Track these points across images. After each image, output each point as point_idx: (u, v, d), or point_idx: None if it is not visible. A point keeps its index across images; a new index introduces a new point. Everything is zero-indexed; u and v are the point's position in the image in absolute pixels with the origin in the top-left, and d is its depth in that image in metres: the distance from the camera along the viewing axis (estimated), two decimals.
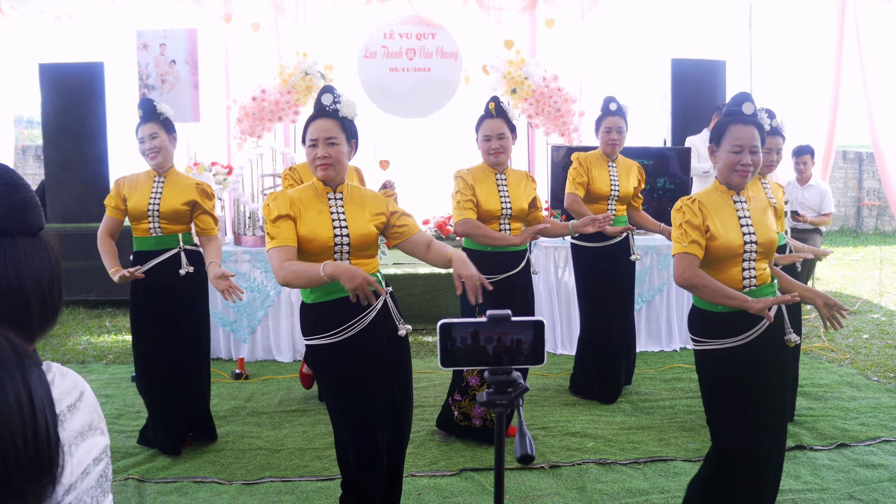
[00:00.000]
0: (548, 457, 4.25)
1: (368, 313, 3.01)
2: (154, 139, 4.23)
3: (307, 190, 3.08)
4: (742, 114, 3.03)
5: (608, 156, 5.13)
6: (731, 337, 2.97)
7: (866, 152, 15.02)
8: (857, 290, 9.25)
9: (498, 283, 4.28)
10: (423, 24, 8.31)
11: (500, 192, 4.33)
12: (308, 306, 3.06)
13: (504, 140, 4.29)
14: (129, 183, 4.30)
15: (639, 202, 5.30)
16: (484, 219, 4.29)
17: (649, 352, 6.42)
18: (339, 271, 2.75)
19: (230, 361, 6.20)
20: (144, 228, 4.26)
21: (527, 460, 1.43)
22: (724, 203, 3.05)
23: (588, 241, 5.11)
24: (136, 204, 4.24)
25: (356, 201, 3.11)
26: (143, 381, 4.38)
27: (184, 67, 7.96)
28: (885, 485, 3.85)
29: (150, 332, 4.30)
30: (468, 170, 4.39)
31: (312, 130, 3.03)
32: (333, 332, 2.98)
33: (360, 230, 3.04)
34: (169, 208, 4.24)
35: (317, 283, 2.84)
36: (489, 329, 1.54)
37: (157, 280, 4.23)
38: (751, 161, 2.99)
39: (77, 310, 8.13)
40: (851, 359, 6.17)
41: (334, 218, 3.03)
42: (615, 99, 5.09)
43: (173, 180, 4.31)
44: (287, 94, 7.12)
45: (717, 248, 2.98)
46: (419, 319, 6.98)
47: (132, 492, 3.81)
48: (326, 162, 3.00)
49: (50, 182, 8.30)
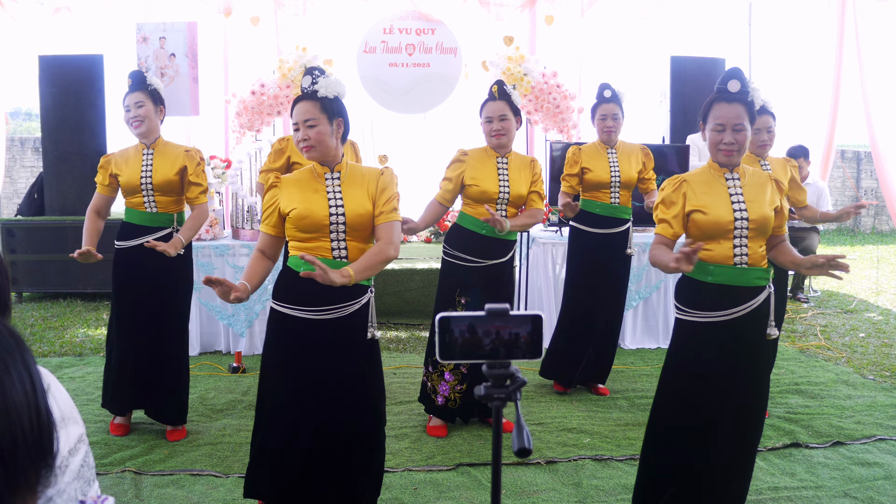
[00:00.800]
0: (544, 452, 4.26)
1: (350, 305, 3.03)
2: (140, 108, 4.21)
3: (307, 171, 3.10)
4: (727, 91, 3.00)
5: (605, 143, 5.11)
6: (716, 311, 2.97)
7: (864, 151, 15.04)
8: (854, 289, 9.27)
9: (481, 270, 4.31)
10: (422, 19, 8.31)
11: (499, 176, 4.33)
12: (292, 274, 3.03)
13: (506, 122, 4.29)
14: (117, 159, 4.29)
15: (648, 184, 5.17)
16: (481, 200, 4.29)
17: (646, 348, 6.44)
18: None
19: (227, 355, 6.21)
20: (138, 202, 4.25)
21: (524, 454, 1.44)
22: (714, 180, 3.06)
23: (588, 227, 5.10)
24: (128, 178, 4.21)
25: (355, 181, 3.10)
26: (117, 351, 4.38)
27: (183, 61, 7.96)
28: (880, 483, 3.86)
29: (131, 307, 4.31)
30: (471, 150, 4.41)
31: (294, 114, 3.06)
32: (310, 309, 3.01)
33: (356, 210, 3.03)
34: (161, 179, 4.21)
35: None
36: (487, 323, 1.54)
37: (144, 257, 4.19)
38: (733, 139, 2.98)
39: (74, 302, 8.13)
40: (848, 357, 6.19)
41: (330, 197, 3.02)
42: (610, 86, 5.05)
43: (162, 150, 4.28)
44: (286, 89, 7.12)
45: (706, 224, 3.00)
46: (415, 315, 6.98)
47: (129, 484, 3.81)
48: (308, 144, 3.01)
49: (48, 174, 8.30)
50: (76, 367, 5.85)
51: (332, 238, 3.00)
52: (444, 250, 4.47)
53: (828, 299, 8.62)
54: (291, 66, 7.11)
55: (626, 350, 6.36)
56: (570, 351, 5.20)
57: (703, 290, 3.01)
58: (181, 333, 4.50)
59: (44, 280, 8.16)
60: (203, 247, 6.11)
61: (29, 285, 8.22)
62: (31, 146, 13.65)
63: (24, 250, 8.06)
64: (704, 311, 3.00)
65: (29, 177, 13.34)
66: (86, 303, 8.13)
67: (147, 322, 4.32)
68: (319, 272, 2.73)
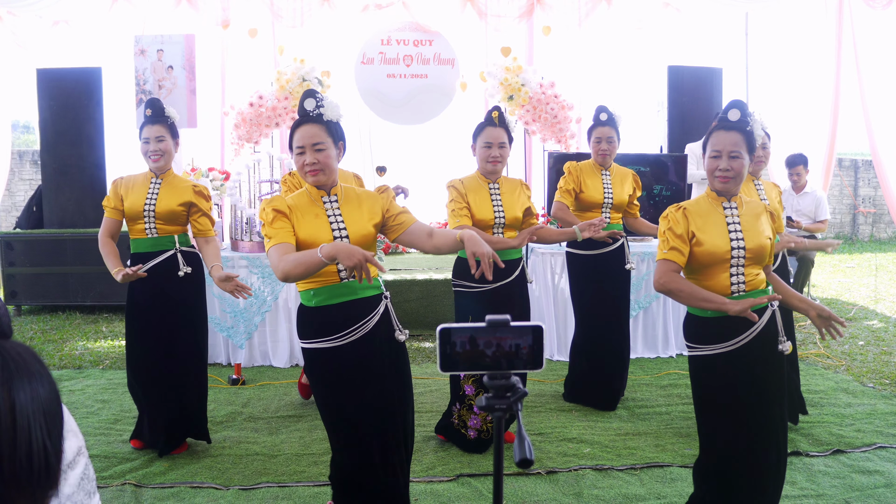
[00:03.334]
0: (544, 463, 4.25)
1: (371, 318, 3.00)
2: (160, 142, 4.23)
3: (301, 196, 3.05)
4: (727, 120, 3.05)
5: (601, 165, 5.15)
6: (723, 342, 2.98)
7: (862, 160, 15.06)
8: (853, 297, 9.27)
9: (493, 292, 4.29)
10: (420, 30, 8.35)
11: (493, 202, 4.34)
12: (309, 310, 3.02)
13: (504, 149, 4.31)
14: (125, 183, 4.31)
15: (635, 209, 5.30)
16: (477, 228, 4.28)
17: (646, 358, 6.44)
18: (336, 250, 2.69)
19: (227, 367, 6.20)
20: (140, 229, 4.26)
21: (526, 465, 1.44)
22: (712, 210, 3.08)
23: (582, 249, 5.12)
24: (132, 204, 4.23)
25: (352, 202, 3.09)
26: (137, 381, 4.37)
27: (181, 73, 7.98)
28: (880, 491, 3.86)
29: (147, 334, 4.30)
30: (461, 179, 4.38)
31: (299, 137, 3.00)
32: (336, 336, 2.95)
33: (359, 231, 3.02)
34: (165, 209, 4.24)
35: (316, 267, 2.76)
36: (488, 334, 1.54)
37: (154, 282, 4.23)
38: (729, 166, 3.01)
39: (73, 315, 8.12)
40: (847, 365, 6.19)
41: (332, 220, 3.00)
42: (606, 108, 5.09)
43: (170, 182, 4.31)
44: (284, 101, 7.14)
45: (702, 254, 3.01)
46: (416, 325, 6.98)
47: (129, 497, 3.80)
48: (315, 168, 2.98)
49: (47, 187, 8.31)
50: (75, 379, 5.84)
51: (337, 264, 2.95)
52: (453, 283, 4.45)
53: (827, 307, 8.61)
54: (289, 78, 7.13)
55: None
56: (590, 377, 5.21)
57: (708, 324, 3.02)
58: (202, 351, 4.49)
59: (43, 293, 8.15)
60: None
61: (28, 298, 8.21)
62: (30, 159, 13.65)
63: (23, 263, 8.06)
64: (713, 344, 3.00)
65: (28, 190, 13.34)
66: (85, 315, 8.12)
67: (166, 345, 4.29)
68: (489, 260, 2.73)
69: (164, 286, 4.25)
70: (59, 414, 0.91)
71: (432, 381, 5.73)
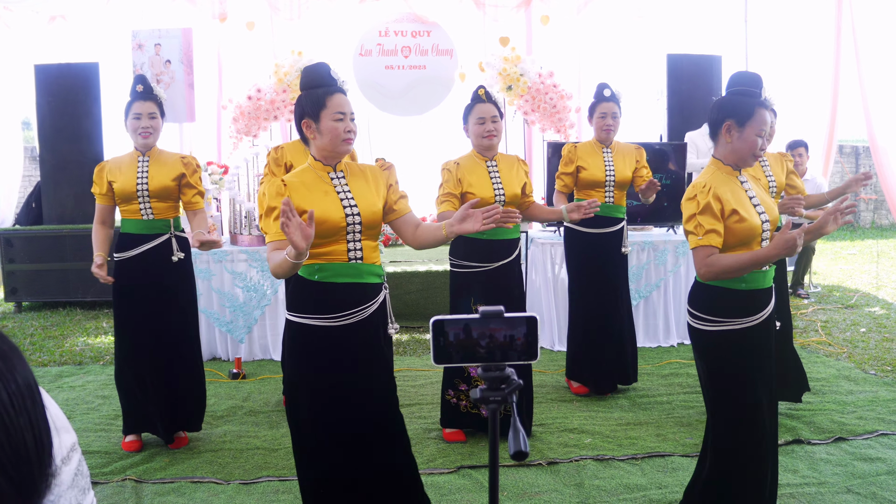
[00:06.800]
0: (545, 453, 4.24)
1: (371, 304, 2.96)
2: (153, 119, 4.21)
3: (305, 172, 2.97)
4: (766, 99, 2.96)
5: (602, 142, 5.11)
6: (743, 317, 2.93)
7: (862, 146, 15.01)
8: (855, 283, 9.26)
9: (491, 273, 4.28)
10: (418, 21, 8.31)
11: (492, 179, 4.31)
12: (308, 283, 2.91)
13: (497, 123, 4.29)
14: (111, 166, 4.25)
15: (645, 176, 5.13)
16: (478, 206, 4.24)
17: (647, 347, 6.42)
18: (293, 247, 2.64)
19: (227, 361, 6.19)
20: (135, 209, 4.21)
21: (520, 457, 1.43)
22: (735, 184, 2.98)
23: (582, 227, 5.10)
24: (123, 185, 4.18)
25: (358, 176, 3.04)
26: (130, 370, 4.32)
27: (179, 67, 7.95)
28: (882, 478, 3.85)
29: (137, 319, 4.28)
30: (456, 161, 4.34)
31: (336, 104, 2.93)
32: (333, 316, 2.88)
33: (369, 207, 2.96)
34: (158, 185, 4.19)
35: (292, 268, 2.71)
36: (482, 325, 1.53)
37: (144, 266, 4.20)
38: (765, 146, 3.01)
39: (74, 311, 8.12)
40: (849, 352, 6.18)
41: (342, 197, 2.93)
42: (609, 85, 5.07)
43: (157, 158, 4.27)
44: (282, 93, 7.10)
45: (742, 230, 2.88)
46: (415, 317, 6.96)
47: (129, 493, 3.80)
48: (353, 137, 2.97)
49: (46, 183, 8.30)
50: (76, 375, 5.83)
51: (348, 240, 2.91)
52: (451, 261, 4.41)
53: (828, 295, 8.61)
54: (287, 71, 7.09)
55: None
56: (589, 353, 5.21)
57: (739, 298, 2.93)
58: (193, 336, 4.48)
59: (43, 289, 8.15)
60: (201, 252, 6.09)
61: (28, 295, 8.20)
62: (28, 155, 13.62)
63: (23, 259, 8.05)
64: (743, 318, 2.93)
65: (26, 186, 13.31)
66: (85, 311, 8.11)
67: (157, 330, 4.29)
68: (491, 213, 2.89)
69: (155, 271, 4.22)
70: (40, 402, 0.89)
71: (432, 373, 5.71)
